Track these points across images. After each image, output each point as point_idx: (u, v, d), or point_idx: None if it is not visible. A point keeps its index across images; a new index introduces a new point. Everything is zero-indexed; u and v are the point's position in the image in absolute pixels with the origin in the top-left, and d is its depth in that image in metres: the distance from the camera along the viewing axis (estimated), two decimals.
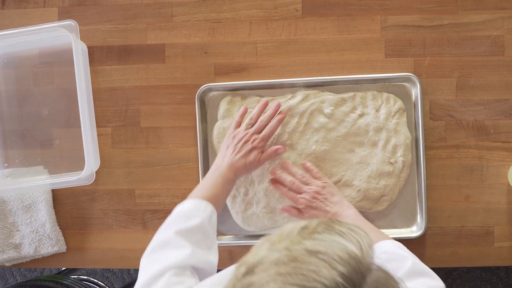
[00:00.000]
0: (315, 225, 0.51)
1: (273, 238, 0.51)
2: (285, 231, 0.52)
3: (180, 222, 0.85)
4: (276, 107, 1.01)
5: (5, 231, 1.09)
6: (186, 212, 0.87)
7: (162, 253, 0.80)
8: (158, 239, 0.84)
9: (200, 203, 0.88)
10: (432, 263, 1.06)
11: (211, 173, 0.97)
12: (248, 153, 0.97)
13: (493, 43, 1.04)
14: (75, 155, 1.09)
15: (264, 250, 0.50)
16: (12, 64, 1.11)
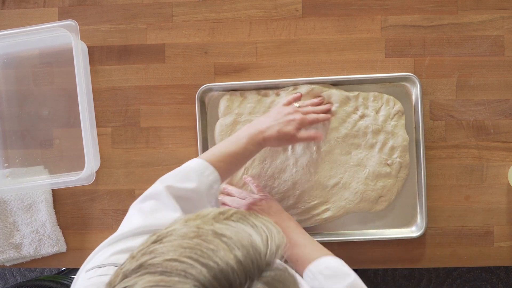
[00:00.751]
0: (231, 212, 0.53)
1: (189, 216, 0.53)
2: (203, 212, 0.54)
3: (177, 179, 0.82)
4: (329, 106, 1.02)
5: (5, 231, 1.09)
6: (188, 172, 0.84)
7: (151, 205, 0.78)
8: (151, 190, 0.81)
9: (206, 167, 0.84)
10: (432, 263, 1.06)
11: (240, 133, 0.93)
12: (287, 123, 0.93)
13: (493, 43, 1.04)
14: (75, 155, 1.09)
15: (178, 224, 0.52)
16: (12, 64, 1.11)
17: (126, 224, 0.76)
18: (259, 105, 1.05)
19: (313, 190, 1.04)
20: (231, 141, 0.90)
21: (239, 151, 0.89)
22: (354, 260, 1.06)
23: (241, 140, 0.90)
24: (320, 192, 1.04)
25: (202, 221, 0.51)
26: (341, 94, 1.03)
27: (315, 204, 1.04)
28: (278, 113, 0.95)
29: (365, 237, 1.04)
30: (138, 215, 0.77)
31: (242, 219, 0.52)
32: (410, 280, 1.76)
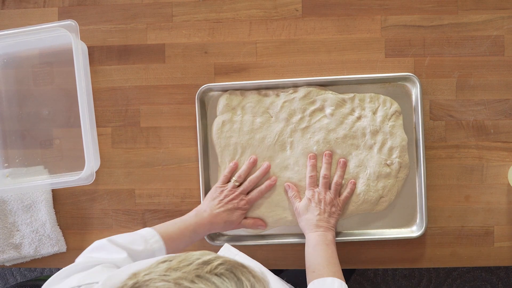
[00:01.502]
0: (216, 264, 0.51)
1: (173, 263, 0.52)
2: (187, 259, 0.52)
3: (122, 239, 0.86)
4: (266, 169, 1.03)
5: (5, 231, 1.09)
6: (135, 236, 0.88)
7: (95, 254, 0.81)
8: (94, 244, 0.84)
9: (152, 236, 0.88)
10: (432, 263, 1.06)
11: (189, 216, 0.97)
12: (232, 211, 0.99)
13: (493, 43, 1.04)
14: (75, 155, 1.09)
15: (159, 271, 0.50)
16: (12, 64, 1.11)
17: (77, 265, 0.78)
18: (258, 105, 1.05)
19: None
20: (182, 222, 0.95)
21: (186, 233, 0.94)
22: (354, 260, 1.06)
23: (189, 224, 0.95)
24: None
25: (183, 273, 0.50)
26: (336, 97, 1.03)
27: None
28: (221, 199, 0.99)
29: (365, 237, 1.04)
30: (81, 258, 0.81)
31: (227, 274, 0.50)
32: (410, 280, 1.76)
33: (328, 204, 0.99)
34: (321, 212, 0.98)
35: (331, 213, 0.98)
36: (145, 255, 0.85)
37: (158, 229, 0.91)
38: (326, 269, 0.89)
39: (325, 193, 1.00)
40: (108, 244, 0.83)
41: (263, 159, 1.04)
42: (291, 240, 1.06)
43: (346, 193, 1.02)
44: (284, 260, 1.08)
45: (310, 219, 0.98)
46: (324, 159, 1.02)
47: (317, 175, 1.03)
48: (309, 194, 1.00)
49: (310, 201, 0.99)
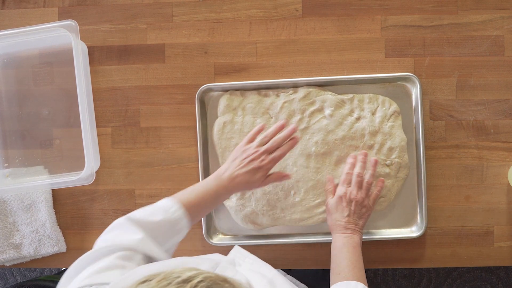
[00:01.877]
0: (197, 281, 0.50)
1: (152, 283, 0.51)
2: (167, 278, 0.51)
3: (140, 213, 0.84)
4: (291, 131, 0.97)
5: (5, 231, 1.09)
6: (154, 209, 0.86)
7: (112, 234, 0.80)
8: (112, 224, 0.83)
9: (172, 205, 0.86)
10: (432, 263, 1.06)
11: (209, 180, 0.94)
12: (253, 171, 0.93)
13: (493, 43, 1.04)
14: (75, 155, 1.09)
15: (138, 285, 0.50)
16: (12, 64, 1.11)
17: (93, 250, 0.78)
18: (259, 106, 1.05)
19: (317, 189, 1.04)
20: (201, 187, 0.92)
21: (207, 198, 0.91)
22: None
23: (210, 188, 0.92)
24: (323, 192, 1.04)
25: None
26: (335, 98, 1.03)
27: (318, 203, 1.04)
28: (242, 158, 0.94)
29: (365, 237, 1.04)
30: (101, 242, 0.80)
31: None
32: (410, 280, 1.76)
33: (359, 204, 0.96)
34: (350, 214, 0.96)
35: (361, 215, 0.96)
36: (165, 226, 0.83)
37: (178, 198, 0.88)
38: (351, 272, 0.88)
39: (357, 192, 0.97)
40: (126, 223, 0.81)
41: None
42: (291, 240, 1.06)
43: (376, 191, 1.00)
44: (284, 260, 1.08)
45: (339, 220, 0.96)
46: (359, 157, 1.00)
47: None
48: (341, 191, 0.98)
49: (341, 199, 0.97)
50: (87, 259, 0.74)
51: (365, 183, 0.99)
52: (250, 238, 1.07)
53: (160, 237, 0.83)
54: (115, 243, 0.76)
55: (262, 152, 0.95)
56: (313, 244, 1.06)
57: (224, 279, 0.52)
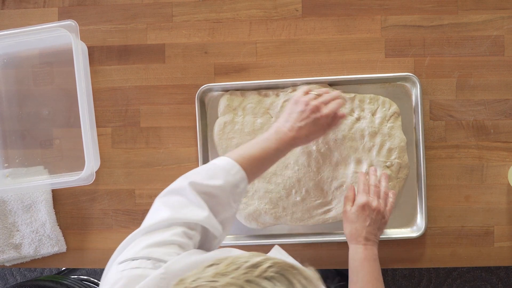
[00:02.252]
0: (266, 267, 0.49)
1: (220, 267, 0.50)
2: (235, 262, 0.50)
3: (202, 177, 0.79)
4: (338, 93, 0.97)
5: (5, 231, 1.09)
6: (214, 170, 0.81)
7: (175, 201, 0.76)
8: (174, 185, 0.79)
9: (233, 166, 0.81)
10: (432, 263, 1.06)
11: (268, 134, 0.89)
12: (316, 120, 0.90)
13: (493, 43, 1.04)
14: (75, 155, 1.09)
15: (207, 277, 0.49)
16: (12, 64, 1.11)
17: (154, 216, 0.75)
18: (259, 106, 1.05)
19: (318, 189, 1.04)
20: (260, 143, 0.87)
21: (268, 154, 0.86)
22: None
23: (270, 143, 0.87)
24: (324, 192, 1.04)
25: (232, 278, 0.48)
26: None
27: (319, 203, 1.04)
28: (302, 109, 0.91)
29: None
30: (165, 209, 0.75)
31: (278, 276, 0.48)
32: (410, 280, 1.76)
33: (380, 214, 0.94)
34: (371, 223, 0.93)
35: (381, 225, 0.94)
36: (226, 191, 0.79)
37: (236, 157, 0.83)
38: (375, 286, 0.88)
39: (378, 201, 0.95)
40: (190, 190, 0.76)
41: None
42: (292, 240, 1.06)
43: (392, 202, 0.98)
44: None
45: (359, 230, 0.92)
46: (371, 171, 1.00)
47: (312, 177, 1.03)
48: (363, 200, 0.94)
49: (363, 208, 0.93)
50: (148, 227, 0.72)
51: (383, 193, 0.97)
52: (251, 238, 1.07)
53: (220, 205, 0.79)
54: (178, 216, 0.73)
55: (321, 102, 0.92)
56: (313, 244, 1.06)
57: (291, 266, 0.51)
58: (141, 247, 0.68)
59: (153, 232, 0.71)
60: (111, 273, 0.66)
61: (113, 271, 0.66)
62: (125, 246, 0.71)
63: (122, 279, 0.62)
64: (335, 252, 1.06)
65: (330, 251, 1.06)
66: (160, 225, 0.72)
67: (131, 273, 0.63)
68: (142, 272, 0.63)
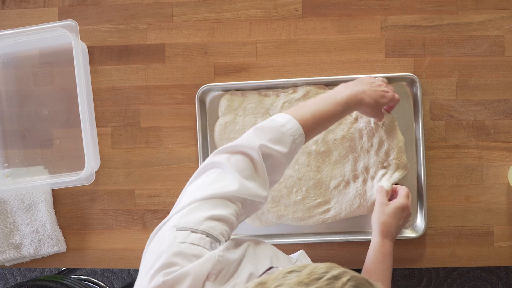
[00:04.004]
0: (346, 280, 0.51)
1: (302, 274, 0.51)
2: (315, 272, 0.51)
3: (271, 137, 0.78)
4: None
5: (5, 231, 1.09)
6: (283, 133, 0.79)
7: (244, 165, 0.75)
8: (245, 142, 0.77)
9: (299, 134, 0.81)
10: (432, 263, 1.06)
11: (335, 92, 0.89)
12: (381, 96, 0.93)
13: (493, 43, 1.04)
14: (75, 155, 1.09)
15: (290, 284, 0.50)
16: (12, 64, 1.11)
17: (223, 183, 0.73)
18: (259, 106, 1.05)
19: (317, 188, 1.04)
20: (327, 101, 0.86)
21: (334, 112, 0.86)
22: (354, 260, 1.06)
23: (339, 101, 0.87)
24: (323, 191, 1.04)
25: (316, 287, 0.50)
26: None
27: (319, 203, 1.04)
28: (373, 82, 0.95)
29: (365, 237, 1.04)
30: (233, 177, 0.74)
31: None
32: (410, 280, 1.76)
33: (407, 221, 0.99)
34: (401, 226, 0.97)
35: (404, 224, 0.99)
36: (290, 156, 0.81)
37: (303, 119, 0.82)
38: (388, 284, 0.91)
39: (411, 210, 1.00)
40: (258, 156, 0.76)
41: None
42: (292, 240, 1.06)
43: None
44: None
45: (393, 226, 0.95)
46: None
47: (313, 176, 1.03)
48: (407, 202, 0.98)
49: (403, 209, 0.97)
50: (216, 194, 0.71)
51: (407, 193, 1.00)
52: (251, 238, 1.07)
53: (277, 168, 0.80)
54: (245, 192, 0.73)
55: (386, 86, 0.97)
56: (313, 244, 1.06)
57: (367, 281, 0.53)
58: (203, 217, 0.67)
59: (215, 201, 0.70)
60: (167, 236, 0.66)
61: (170, 236, 0.65)
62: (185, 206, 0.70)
63: (179, 254, 0.63)
64: (335, 252, 1.06)
65: (330, 251, 1.06)
66: (225, 196, 0.71)
67: (189, 249, 0.64)
68: (200, 251, 0.64)
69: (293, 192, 1.05)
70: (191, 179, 0.76)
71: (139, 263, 0.80)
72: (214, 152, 0.78)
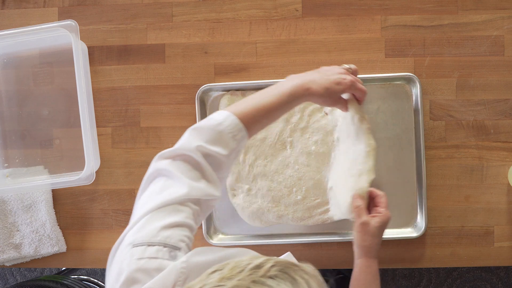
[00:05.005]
0: (269, 266, 0.51)
1: (224, 272, 0.51)
2: (238, 266, 0.51)
3: (209, 138, 0.76)
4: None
5: (5, 231, 1.09)
6: (221, 132, 0.76)
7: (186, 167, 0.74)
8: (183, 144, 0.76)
9: (239, 130, 0.77)
10: (432, 263, 1.06)
11: (281, 83, 0.83)
12: (337, 83, 0.84)
13: (493, 43, 1.04)
14: (75, 155, 1.09)
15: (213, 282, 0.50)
16: (12, 64, 1.11)
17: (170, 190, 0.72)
18: None
19: (317, 189, 1.04)
20: (271, 94, 0.81)
21: (279, 104, 0.80)
22: None
23: (283, 92, 0.81)
24: (322, 192, 1.04)
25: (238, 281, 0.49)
26: None
27: (318, 203, 1.04)
28: (328, 70, 0.87)
29: None
30: (181, 181, 0.72)
31: (281, 275, 0.50)
32: (410, 280, 1.76)
33: None
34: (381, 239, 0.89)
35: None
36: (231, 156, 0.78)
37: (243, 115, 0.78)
38: None
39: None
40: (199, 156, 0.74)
41: (265, 157, 1.05)
42: (291, 240, 1.06)
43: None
44: None
45: (377, 244, 0.88)
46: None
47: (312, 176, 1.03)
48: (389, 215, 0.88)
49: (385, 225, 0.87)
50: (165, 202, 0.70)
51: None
52: (250, 238, 1.07)
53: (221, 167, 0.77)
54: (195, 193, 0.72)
55: (346, 72, 0.88)
56: (312, 244, 1.07)
57: (293, 263, 0.53)
58: (157, 228, 0.66)
59: (167, 209, 0.69)
60: (124, 255, 0.65)
61: (127, 254, 0.65)
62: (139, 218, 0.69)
63: (139, 271, 0.62)
64: (335, 252, 1.06)
65: (330, 251, 1.07)
66: (176, 201, 0.70)
67: (148, 264, 0.63)
68: (159, 264, 0.63)
69: (293, 192, 1.05)
70: (140, 191, 0.76)
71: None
72: (155, 158, 0.76)
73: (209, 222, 1.07)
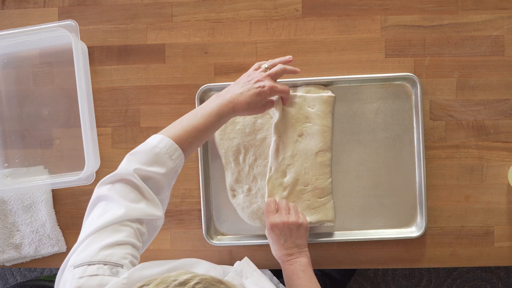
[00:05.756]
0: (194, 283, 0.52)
1: (150, 286, 0.53)
2: (164, 282, 0.53)
3: (146, 160, 0.80)
4: (289, 59, 0.97)
5: (5, 231, 1.09)
6: (157, 154, 0.80)
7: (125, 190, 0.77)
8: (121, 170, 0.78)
9: (174, 150, 0.82)
10: (432, 263, 1.06)
11: (208, 103, 0.89)
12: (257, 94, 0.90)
13: (493, 43, 1.04)
14: (75, 155, 1.09)
15: None
16: (12, 64, 1.11)
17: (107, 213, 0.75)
18: None
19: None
20: (199, 115, 0.86)
21: (208, 125, 0.86)
22: (354, 260, 1.06)
23: (210, 112, 0.86)
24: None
25: None
26: None
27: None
28: (246, 81, 0.92)
29: (365, 237, 1.04)
30: (119, 203, 0.75)
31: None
32: (410, 280, 1.77)
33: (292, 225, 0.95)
34: (287, 238, 0.94)
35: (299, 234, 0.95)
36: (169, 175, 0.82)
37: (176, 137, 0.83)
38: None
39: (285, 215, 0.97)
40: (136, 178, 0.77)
41: (265, 157, 1.05)
42: None
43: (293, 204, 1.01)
44: None
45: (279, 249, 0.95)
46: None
47: None
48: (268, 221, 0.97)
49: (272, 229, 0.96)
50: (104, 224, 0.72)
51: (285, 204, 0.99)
52: (250, 238, 1.07)
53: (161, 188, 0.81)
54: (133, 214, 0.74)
55: (267, 75, 0.93)
56: (313, 244, 1.06)
57: (219, 281, 0.54)
58: (97, 248, 0.68)
59: (107, 230, 0.72)
60: (67, 277, 0.67)
61: (69, 276, 0.66)
62: (79, 244, 0.71)
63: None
64: (335, 252, 1.06)
65: (330, 251, 1.07)
66: (115, 222, 0.73)
67: (89, 282, 0.64)
68: (100, 280, 0.64)
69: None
70: (84, 218, 0.78)
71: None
72: (98, 185, 0.80)
73: (209, 222, 1.07)
